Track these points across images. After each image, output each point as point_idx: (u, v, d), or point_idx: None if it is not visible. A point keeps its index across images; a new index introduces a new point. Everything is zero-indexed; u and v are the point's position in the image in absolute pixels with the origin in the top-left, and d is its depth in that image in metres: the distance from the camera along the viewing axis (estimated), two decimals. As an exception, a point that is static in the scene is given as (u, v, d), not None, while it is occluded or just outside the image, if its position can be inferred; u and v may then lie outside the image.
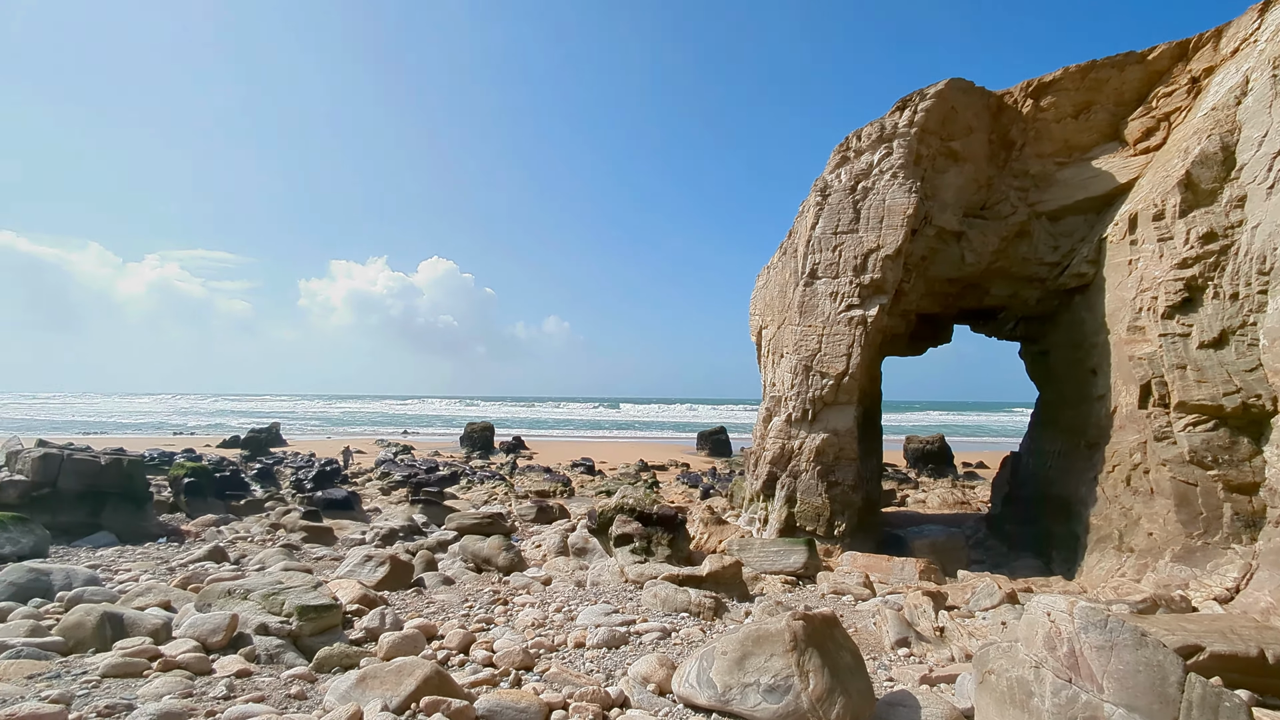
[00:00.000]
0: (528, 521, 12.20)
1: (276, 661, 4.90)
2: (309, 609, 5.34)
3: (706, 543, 10.26)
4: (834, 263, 10.20)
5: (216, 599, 5.72)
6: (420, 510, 12.57)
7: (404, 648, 5.13)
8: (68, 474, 9.64)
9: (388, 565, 7.45)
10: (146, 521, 10.11)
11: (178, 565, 8.04)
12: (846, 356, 9.76)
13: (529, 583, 7.81)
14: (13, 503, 9.08)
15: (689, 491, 17.53)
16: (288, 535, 10.15)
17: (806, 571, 8.28)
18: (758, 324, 13.16)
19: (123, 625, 5.04)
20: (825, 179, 10.88)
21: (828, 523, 9.67)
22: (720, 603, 6.76)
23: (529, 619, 6.20)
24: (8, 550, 7.72)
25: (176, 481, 12.45)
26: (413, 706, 3.86)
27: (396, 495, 15.35)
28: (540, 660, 5.14)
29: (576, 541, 9.00)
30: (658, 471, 22.16)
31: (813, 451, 9.90)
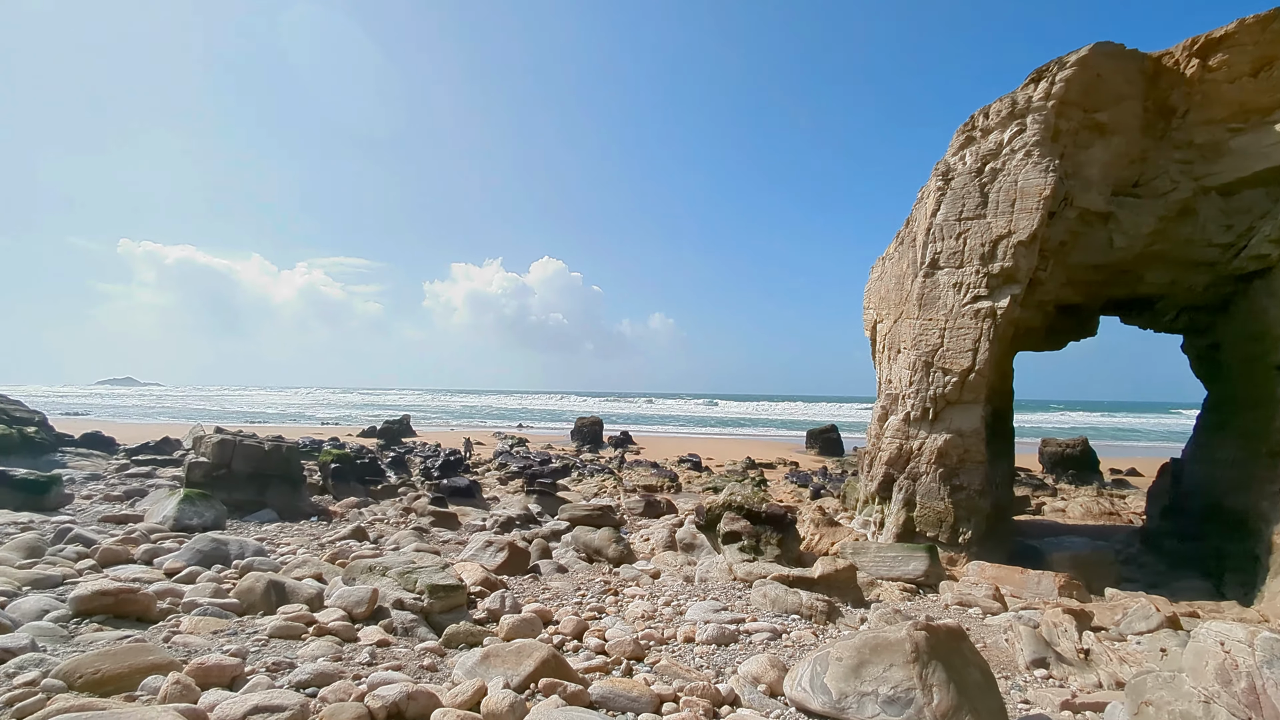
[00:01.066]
0: (636, 515, 12.42)
1: (411, 634, 5.32)
2: (438, 588, 5.77)
3: (817, 544, 9.96)
4: (958, 251, 9.51)
5: (360, 574, 6.31)
6: (535, 500, 13.16)
7: (522, 630, 5.40)
8: (239, 458, 11.02)
9: (506, 551, 7.87)
10: (301, 501, 11.35)
11: (326, 542, 8.94)
12: (972, 351, 9.09)
13: (638, 575, 7.96)
14: (198, 481, 10.52)
15: (798, 491, 17.08)
16: (418, 519, 10.99)
17: (927, 580, 7.83)
18: (872, 318, 12.56)
19: (284, 592, 5.69)
20: (947, 162, 10.17)
21: (951, 529, 9.07)
22: (833, 607, 6.54)
23: (639, 611, 6.32)
24: (194, 522, 8.96)
25: (325, 467, 13.85)
26: (532, 686, 4.06)
27: (513, 485, 16.16)
28: (650, 652, 5.23)
29: (684, 537, 9.05)
30: (765, 469, 21.76)
31: (934, 453, 9.32)
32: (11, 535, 7.65)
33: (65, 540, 7.52)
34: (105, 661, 3.70)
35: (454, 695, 3.81)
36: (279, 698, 3.43)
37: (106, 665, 3.67)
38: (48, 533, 7.86)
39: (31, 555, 6.71)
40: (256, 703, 3.34)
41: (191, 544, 7.15)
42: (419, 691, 3.75)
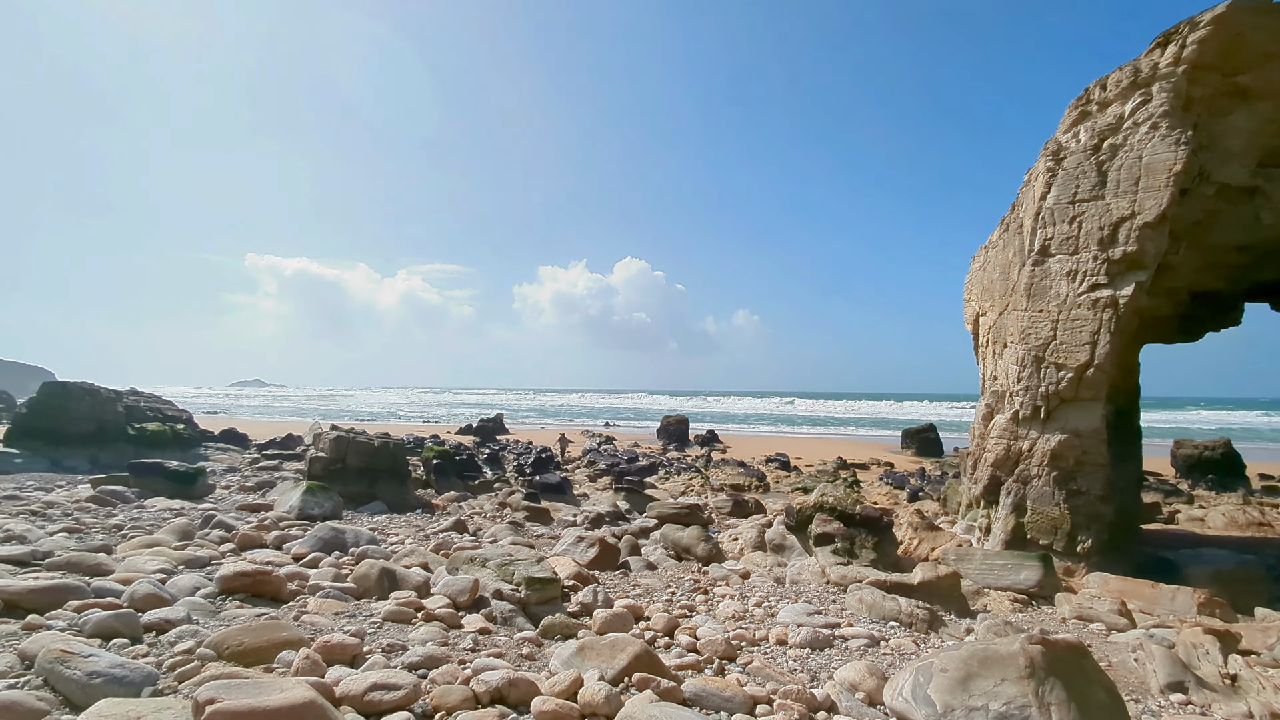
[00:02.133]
0: (724, 514, 12.34)
1: (509, 624, 5.56)
2: (535, 580, 5.99)
3: (916, 549, 9.51)
4: (1072, 236, 8.78)
5: (462, 564, 6.66)
6: (623, 498, 13.36)
7: (615, 625, 5.51)
8: (353, 453, 11.89)
9: (597, 547, 8.05)
10: (407, 495, 12.10)
11: (430, 533, 9.49)
12: (1090, 345, 8.36)
13: (727, 575, 7.91)
14: (318, 474, 11.45)
15: (894, 492, 16.37)
16: (512, 513, 11.44)
17: (1041, 591, 7.29)
18: (974, 310, 11.83)
19: (395, 579, 6.09)
20: (1058, 140, 9.41)
21: (1068, 537, 8.39)
22: (935, 615, 6.24)
23: (729, 610, 6.29)
24: (316, 512, 9.76)
25: (427, 463, 14.69)
26: (626, 680, 4.14)
27: (601, 482, 16.48)
28: (742, 653, 5.19)
29: (774, 537, 8.91)
30: (858, 470, 21.00)
31: (1047, 454, 8.65)
32: (167, 520, 8.64)
33: (210, 526, 8.42)
34: (247, 635, 4.11)
35: (552, 684, 3.94)
36: (394, 677, 3.68)
37: (248, 639, 4.08)
38: (196, 518, 8.81)
39: (184, 538, 7.56)
40: (375, 680, 3.60)
41: (314, 532, 7.80)
42: (519, 679, 3.91)
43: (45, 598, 4.65)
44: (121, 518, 8.74)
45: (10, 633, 4.08)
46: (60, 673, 3.34)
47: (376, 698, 3.49)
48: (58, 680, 3.34)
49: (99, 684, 3.30)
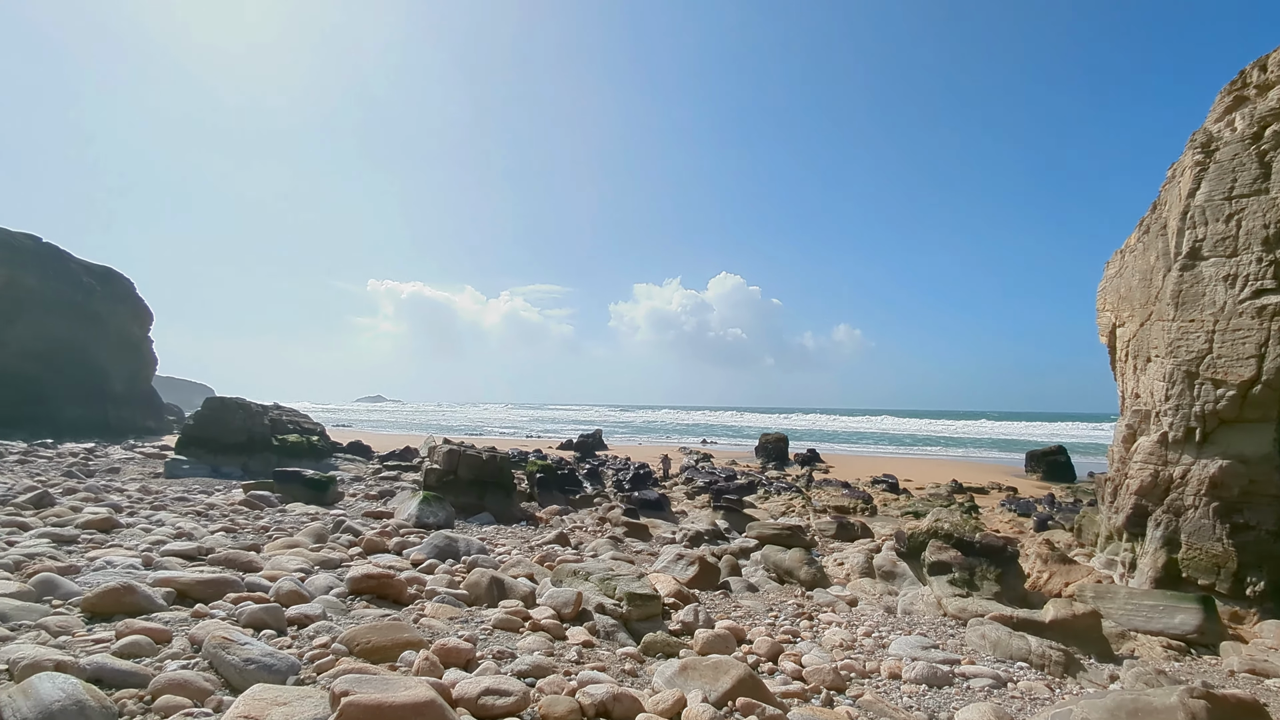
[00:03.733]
0: (827, 537, 11.88)
1: (611, 638, 5.62)
2: (636, 596, 6.03)
3: (1046, 583, 8.69)
4: (1229, 236, 7.80)
5: (565, 577, 6.82)
6: (721, 516, 13.20)
7: (716, 646, 5.43)
8: (464, 466, 12.56)
9: (697, 566, 7.98)
10: (512, 507, 12.60)
11: (535, 545, 9.81)
12: (1256, 358, 7.37)
13: (833, 601, 7.60)
14: (432, 485, 12.19)
15: (1018, 520, 15.07)
16: (612, 529, 11.60)
17: (1202, 638, 6.44)
18: (1109, 321, 10.76)
19: (504, 588, 6.34)
20: (1208, 131, 8.43)
21: (1234, 578, 7.36)
22: (1071, 658, 5.66)
23: (836, 639, 6.03)
24: (431, 520, 10.38)
25: (531, 476, 15.24)
26: (730, 704, 4.07)
27: (699, 500, 16.37)
28: (852, 684, 4.95)
29: (883, 564, 8.46)
30: (975, 494, 19.54)
31: (1204, 482, 7.66)
32: (305, 524, 9.50)
33: (340, 530, 9.16)
34: (374, 634, 4.43)
35: (655, 702, 3.94)
36: (505, 684, 3.82)
37: (375, 638, 4.39)
38: (328, 523, 9.62)
39: (319, 541, 8.28)
40: (488, 685, 3.76)
41: (430, 540, 8.29)
42: (623, 694, 3.94)
43: (209, 589, 5.25)
44: (267, 520, 9.71)
45: (182, 619, 4.64)
46: (222, 657, 3.75)
47: (489, 702, 3.64)
48: (220, 664, 3.75)
49: (252, 670, 3.67)
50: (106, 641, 4.02)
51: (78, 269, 31.19)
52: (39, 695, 2.97)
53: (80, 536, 7.19)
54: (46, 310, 28.62)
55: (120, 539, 7.38)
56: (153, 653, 3.96)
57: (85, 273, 31.47)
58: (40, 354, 27.77)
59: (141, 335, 34.79)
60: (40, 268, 29.10)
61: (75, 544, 6.92)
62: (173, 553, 6.63)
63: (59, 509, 8.81)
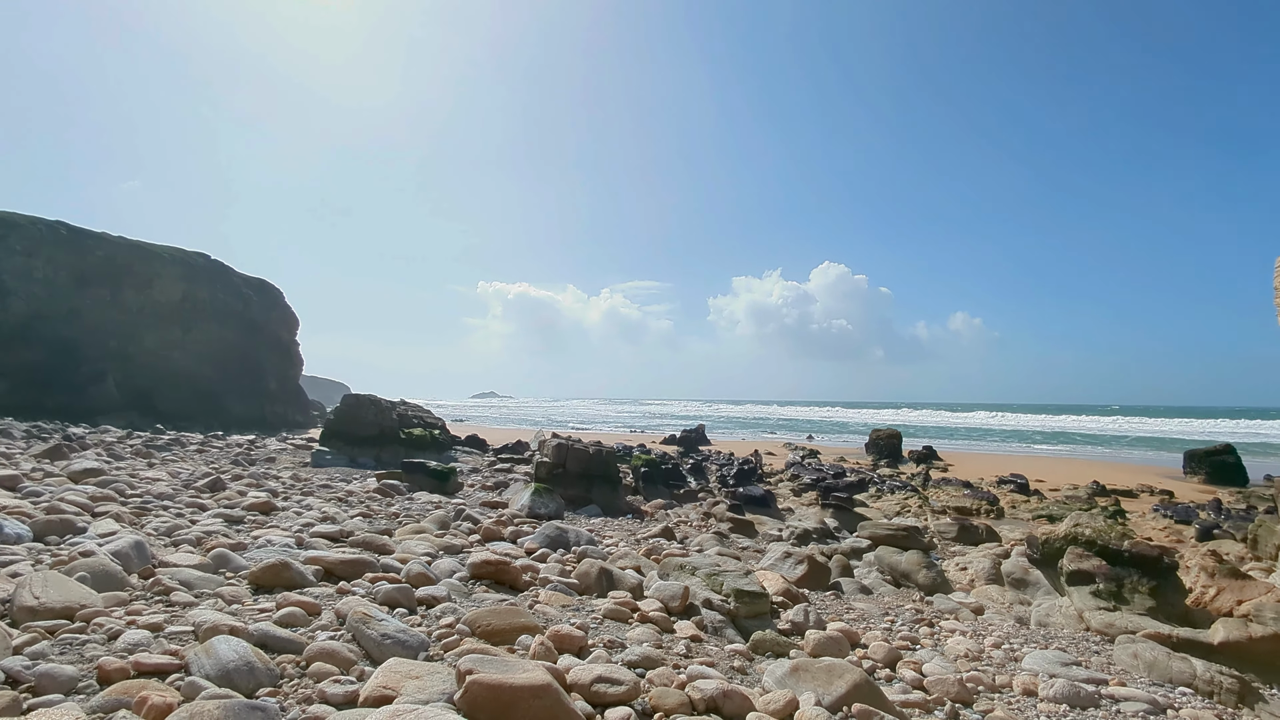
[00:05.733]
0: (947, 540, 11.14)
1: (719, 634, 5.60)
2: (744, 593, 5.97)
3: (1212, 600, 7.64)
4: None
5: (672, 571, 6.88)
6: (830, 515, 12.75)
7: (829, 648, 5.26)
8: (571, 459, 12.98)
9: (806, 564, 7.77)
10: (619, 500, 12.86)
11: (641, 538, 9.95)
12: None
13: (956, 608, 7.13)
14: (543, 477, 12.69)
15: (1175, 528, 13.37)
16: (717, 524, 11.54)
17: None
18: (1294, 301, 9.27)
19: (612, 579, 6.49)
20: None
21: None
22: (1247, 685, 4.97)
23: (961, 648, 5.65)
24: (542, 511, 10.81)
25: (636, 470, 15.48)
26: (845, 709, 3.92)
27: (806, 498, 15.91)
28: (980, 699, 4.63)
29: (1013, 570, 7.82)
30: (1122, 498, 17.57)
31: None
32: (429, 512, 10.21)
33: (460, 518, 9.77)
34: (493, 618, 4.68)
35: (766, 702, 3.88)
36: (616, 673, 3.91)
37: (495, 621, 4.64)
38: (450, 511, 10.28)
39: (442, 528, 8.87)
40: (600, 673, 3.86)
41: (542, 530, 8.64)
42: (733, 691, 3.91)
43: (350, 569, 5.78)
44: (398, 507, 10.54)
45: (328, 594, 5.14)
46: (363, 631, 4.11)
47: (602, 689, 3.74)
48: (361, 637, 4.11)
49: (388, 644, 4.00)
50: (269, 611, 4.53)
51: (238, 281, 35.40)
52: (219, 655, 3.40)
53: (246, 517, 8.17)
54: (215, 319, 32.74)
55: (277, 520, 8.29)
56: (305, 623, 4.41)
57: (244, 284, 35.65)
58: (211, 357, 31.81)
59: (290, 339, 38.92)
60: (210, 282, 33.33)
61: (242, 524, 7.87)
62: (319, 534, 7.35)
63: (229, 493, 10.06)
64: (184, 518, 7.76)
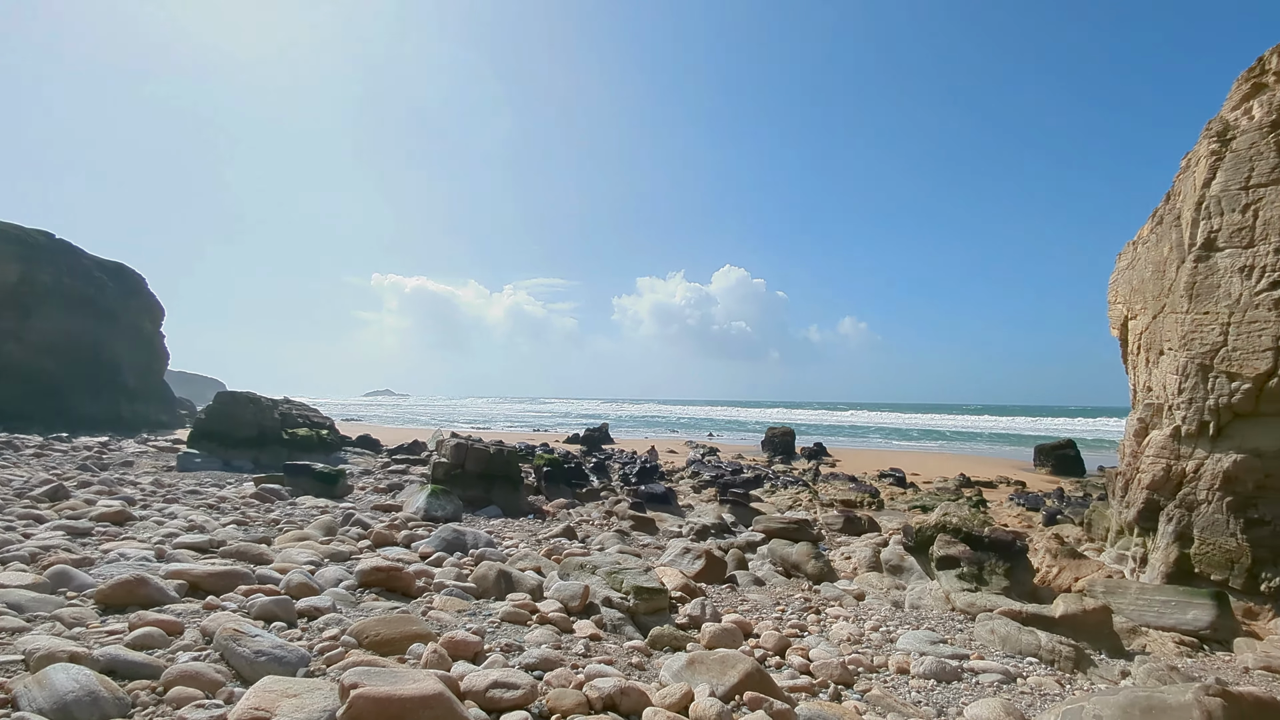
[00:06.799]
0: (834, 531, 11.85)
1: (619, 632, 5.64)
2: (643, 590, 6.04)
3: (1056, 578, 8.63)
4: (1245, 227, 7.68)
5: (572, 570, 6.85)
6: (728, 510, 13.19)
7: (724, 640, 5.44)
8: (471, 459, 12.60)
9: (704, 559, 7.99)
10: (520, 500, 12.64)
11: (542, 538, 9.84)
12: (1272, 351, 7.26)
13: (840, 595, 7.58)
14: (440, 479, 12.24)
15: (1027, 515, 14.98)
16: (619, 522, 11.62)
17: (1215, 634, 6.38)
18: (1121, 313, 10.63)
19: (511, 581, 6.37)
20: (1225, 119, 8.29)
21: (1248, 574, 7.28)
22: (1082, 653, 5.63)
23: (844, 633, 6.02)
24: (439, 514, 10.43)
25: (538, 470, 15.28)
26: (737, 698, 4.07)
27: (706, 494, 16.37)
28: (860, 679, 4.95)
29: (890, 558, 8.44)
30: (984, 489, 19.44)
31: (1218, 477, 7.58)
32: (314, 517, 9.56)
33: (349, 523, 9.23)
34: (383, 627, 4.46)
35: (663, 696, 3.95)
36: (513, 677, 3.84)
37: (384, 630, 4.42)
38: (338, 516, 9.69)
39: (328, 534, 8.34)
40: (496, 678, 3.77)
41: (438, 533, 8.33)
42: (631, 688, 3.94)
43: (220, 581, 5.30)
44: (278, 513, 9.78)
45: (194, 611, 4.68)
46: (233, 649, 3.78)
47: (497, 695, 3.66)
48: (231, 655, 3.78)
49: (263, 662, 3.70)
50: (119, 633, 4.06)
51: (90, 265, 31.44)
52: (54, 686, 3.00)
53: (94, 529, 7.28)
54: (60, 306, 28.88)
55: (133, 532, 7.46)
56: (165, 644, 4.00)
57: (97, 268, 31.72)
58: (54, 349, 28.04)
59: (153, 330, 35.09)
60: (54, 264, 29.34)
61: (89, 536, 7.00)
62: (185, 545, 6.69)
63: (73, 502, 8.92)
64: (15, 531, 6.81)
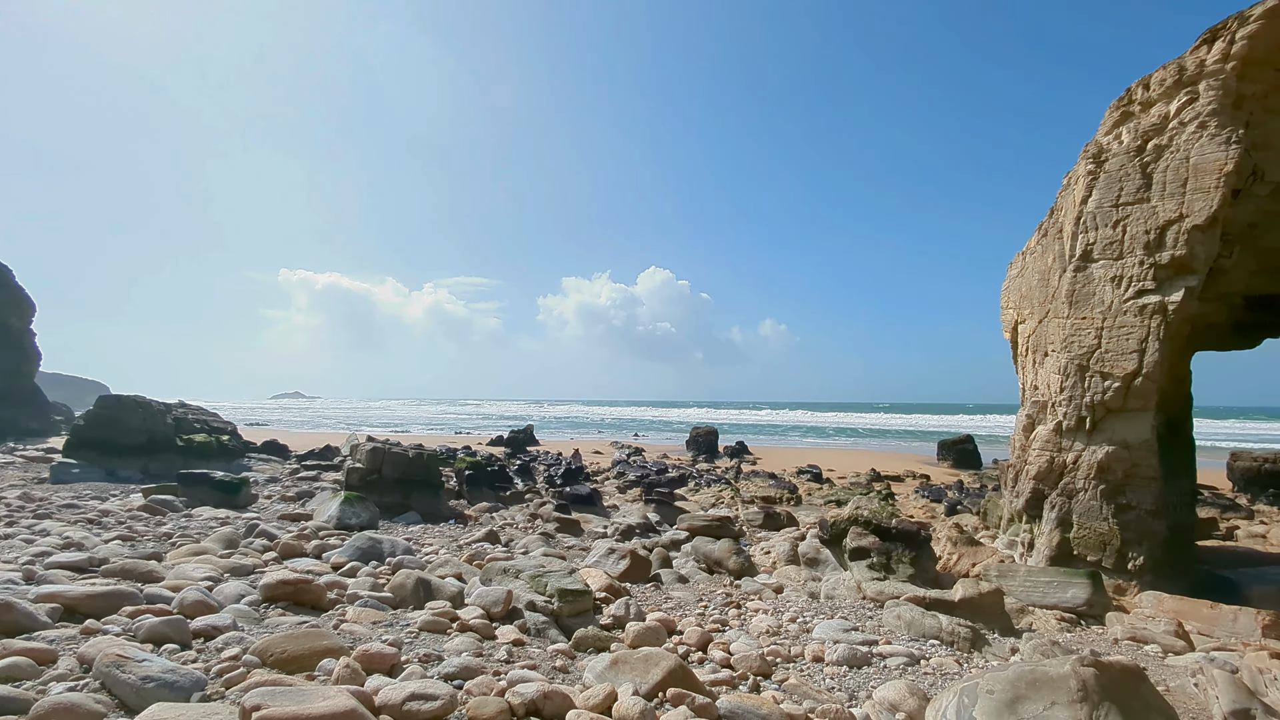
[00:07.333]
0: (755, 527, 12.20)
1: (543, 635, 5.57)
2: (567, 592, 6.00)
3: (955, 564, 9.25)
4: (1116, 241, 8.52)
5: (495, 575, 6.71)
6: (653, 509, 13.31)
7: (648, 638, 5.48)
8: (388, 464, 12.11)
9: (629, 559, 8.03)
10: (440, 505, 12.25)
11: (464, 543, 9.58)
12: (1138, 353, 8.08)
13: (760, 589, 7.81)
14: (355, 485, 11.69)
15: (930, 506, 15.98)
16: (544, 524, 11.49)
17: (1090, 610, 7.02)
18: (1012, 318, 11.54)
19: (431, 589, 6.16)
20: (1099, 143, 9.16)
21: (1117, 554, 8.07)
22: (977, 634, 6.05)
23: (763, 625, 6.20)
24: (353, 522, 9.95)
25: (460, 474, 14.88)
26: (660, 695, 4.11)
27: (631, 494, 16.46)
28: (777, 669, 5.11)
29: (807, 551, 8.77)
30: (892, 482, 20.57)
31: (1093, 467, 8.36)
32: (213, 529, 8.91)
33: (253, 535, 8.65)
34: (290, 643, 4.20)
35: (586, 698, 3.93)
36: (431, 688, 3.71)
37: (291, 646, 4.17)
38: (240, 527, 9.06)
39: (229, 546, 7.79)
40: (413, 690, 3.64)
41: (352, 541, 7.95)
42: (554, 691, 3.91)
43: (101, 603, 4.83)
44: (171, 526, 9.05)
45: (70, 637, 4.25)
46: (116, 676, 3.46)
47: (414, 707, 3.53)
48: (114, 684, 3.46)
49: (152, 688, 3.41)
50: (-23, 666, 3.63)
51: (-57, 253, 27.94)
52: (-108, 731, 2.65)
53: (-54, 551, 6.48)
54: (-96, 298, 25.53)
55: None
56: (35, 675, 3.61)
57: (-48, 257, 28.23)
58: (-103, 347, 24.76)
59: (22, 328, 31.60)
60: (-104, 250, 25.89)
61: (-60, 559, 6.22)
62: (59, 565, 6.07)
63: (-80, 521, 7.90)
64: None
